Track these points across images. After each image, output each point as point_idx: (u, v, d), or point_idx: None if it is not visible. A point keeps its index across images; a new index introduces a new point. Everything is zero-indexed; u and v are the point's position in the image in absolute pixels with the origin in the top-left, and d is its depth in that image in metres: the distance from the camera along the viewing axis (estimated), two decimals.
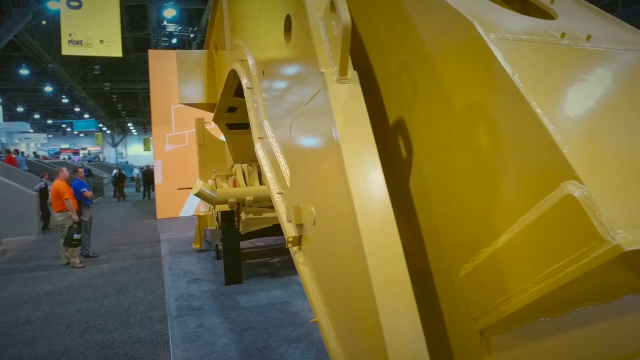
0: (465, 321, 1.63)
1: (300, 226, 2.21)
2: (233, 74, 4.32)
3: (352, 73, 1.75)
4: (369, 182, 1.56)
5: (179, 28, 21.73)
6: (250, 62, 3.37)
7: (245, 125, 6.65)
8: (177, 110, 13.01)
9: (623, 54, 1.60)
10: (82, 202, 7.42)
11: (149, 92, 37.12)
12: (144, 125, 49.74)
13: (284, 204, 2.55)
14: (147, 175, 19.51)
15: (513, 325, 1.47)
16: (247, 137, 6.80)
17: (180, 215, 13.26)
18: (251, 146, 7.24)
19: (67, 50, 10.93)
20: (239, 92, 5.29)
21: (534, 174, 1.29)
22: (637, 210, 1.08)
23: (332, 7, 1.68)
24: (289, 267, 6.73)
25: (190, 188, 9.20)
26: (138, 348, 3.99)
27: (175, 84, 12.53)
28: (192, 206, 13.31)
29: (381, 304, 1.38)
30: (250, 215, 5.43)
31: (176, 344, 4.05)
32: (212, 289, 5.72)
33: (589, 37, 1.58)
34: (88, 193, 7.51)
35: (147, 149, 49.56)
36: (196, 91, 5.65)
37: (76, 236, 7.16)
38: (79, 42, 10.81)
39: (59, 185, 7.22)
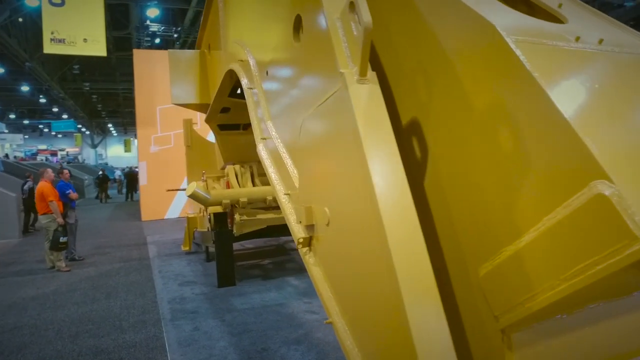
0: (484, 319, 1.65)
1: (310, 227, 2.20)
2: (230, 74, 4.29)
3: (371, 74, 1.76)
4: (392, 182, 1.57)
5: (162, 28, 21.49)
6: (251, 62, 3.34)
7: (237, 126, 6.65)
8: (163, 111, 12.83)
9: (636, 58, 1.64)
10: (68, 204, 7.25)
11: (130, 93, 36.48)
12: (125, 126, 48.89)
13: (291, 205, 2.54)
14: (130, 177, 19.18)
15: (533, 322, 1.49)
16: (239, 138, 6.80)
17: (165, 217, 13.07)
18: (242, 147, 7.23)
19: (49, 48, 10.67)
20: (232, 92, 5.25)
21: (560, 174, 1.31)
22: None
23: (352, 7, 1.68)
24: (281, 269, 6.71)
25: (180, 189, 9.10)
26: (134, 353, 3.92)
27: (161, 84, 12.42)
28: (177, 208, 13.15)
29: (408, 304, 1.39)
30: (244, 217, 5.39)
31: (173, 348, 3.98)
32: (205, 291, 5.66)
33: (600, 41, 1.62)
34: (74, 195, 7.34)
35: (127, 150, 48.70)
36: (189, 91, 5.58)
37: (62, 239, 6.99)
38: (61, 41, 10.55)
39: (43, 187, 7.03)
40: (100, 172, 19.89)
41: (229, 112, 5.78)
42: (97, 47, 10.89)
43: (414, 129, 1.99)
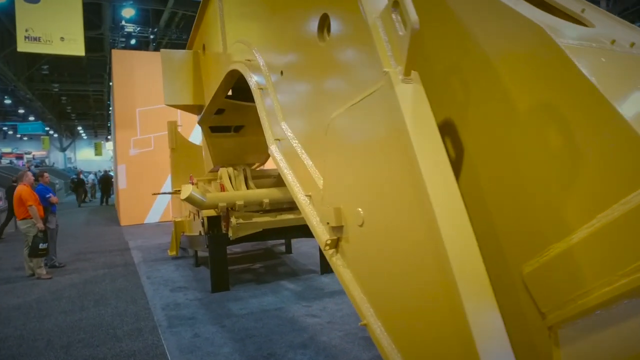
0: (529, 317, 1.66)
1: (338, 229, 2.17)
2: (231, 75, 4.21)
3: (414, 73, 1.76)
4: (442, 181, 1.57)
5: (138, 29, 21.05)
6: (261, 62, 3.29)
7: (228, 129, 6.54)
8: (143, 113, 12.53)
9: None
10: (48, 208, 6.95)
11: (101, 94, 35.55)
12: (95, 129, 47.52)
13: (312, 207, 2.51)
14: (105, 181, 18.61)
15: (581, 317, 1.52)
16: (229, 140, 6.69)
17: (145, 222, 12.74)
18: (233, 150, 7.11)
19: (23, 47, 10.22)
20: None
21: (616, 173, 1.34)
22: None
23: (396, 6, 1.67)
24: (274, 273, 6.63)
25: (167, 193, 8.88)
26: None
27: (141, 85, 12.13)
28: (157, 213, 12.84)
29: (467, 303, 1.39)
30: (240, 220, 5.29)
31: (174, 356, 3.86)
32: (199, 297, 5.52)
33: (632, 45, 1.67)
34: (54, 199, 7.05)
35: (98, 153, 47.33)
36: (182, 92, 5.46)
37: (42, 245, 6.69)
38: (37, 39, 10.14)
39: (22, 190, 6.73)
40: (76, 176, 19.20)
41: (222, 114, 5.69)
42: (75, 46, 10.52)
43: (448, 129, 1.99)
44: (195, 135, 11.64)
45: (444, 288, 1.47)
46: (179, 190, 8.96)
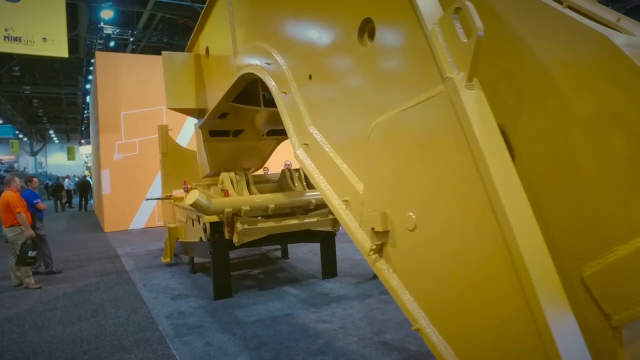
0: (589, 317, 1.70)
1: (383, 233, 2.16)
2: (243, 78, 4.16)
3: (475, 79, 1.77)
4: (512, 185, 1.58)
5: (118, 30, 20.61)
6: (283, 66, 3.24)
7: (226, 133, 6.45)
8: (127, 116, 12.23)
9: None
10: (36, 214, 6.68)
11: (74, 98, 34.53)
12: (68, 133, 46.12)
13: (349, 211, 2.49)
14: (83, 186, 18.06)
15: None
16: (228, 144, 6.60)
17: (130, 228, 12.41)
18: (231, 154, 7.01)
19: (3, 47, 9.81)
20: None
21: None
22: None
23: (457, 12, 1.68)
24: (274, 279, 6.56)
25: (159, 198, 8.67)
26: None
27: (126, 88, 11.86)
28: (143, 219, 12.54)
29: (546, 306, 1.40)
30: (246, 226, 5.21)
31: None
32: (203, 304, 5.40)
33: None
34: (42, 205, 6.79)
35: (71, 158, 45.93)
36: (184, 95, 5.35)
37: (31, 253, 6.43)
38: (17, 39, 9.76)
39: (9, 196, 6.45)
40: (54, 181, 18.56)
41: (225, 118, 5.61)
42: (58, 47, 10.18)
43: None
44: (182, 138, 11.45)
45: (519, 291, 1.47)
46: (170, 196, 8.82)
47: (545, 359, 1.39)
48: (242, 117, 5.61)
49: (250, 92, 5.18)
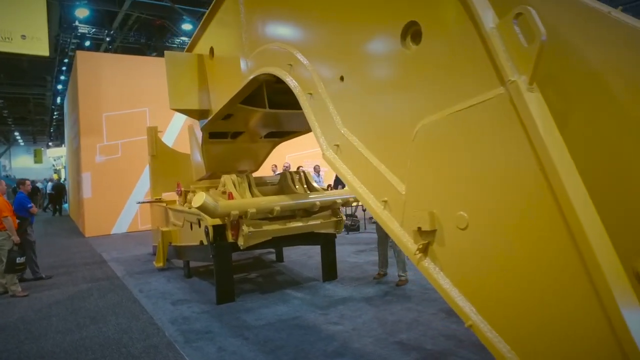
0: None
1: (430, 233, 2.20)
2: (257, 79, 4.12)
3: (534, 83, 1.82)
4: (577, 184, 1.64)
5: (93, 30, 20.05)
6: (308, 67, 3.23)
7: (225, 135, 6.37)
8: (109, 118, 11.89)
9: None
10: (28, 219, 6.41)
11: (42, 98, 33.32)
12: (35, 135, 44.37)
13: (388, 212, 2.50)
14: (58, 190, 17.41)
15: None
16: (227, 146, 6.52)
17: (112, 232, 12.04)
18: (229, 156, 6.91)
19: None
20: None
21: None
22: None
23: (517, 17, 1.73)
24: (274, 282, 6.51)
25: (150, 202, 8.45)
26: None
27: (108, 89, 11.53)
28: (125, 223, 12.20)
29: (620, 301, 1.46)
30: (251, 228, 5.15)
31: None
32: (206, 309, 5.30)
33: None
34: (34, 209, 6.51)
35: (38, 161, 44.22)
36: (188, 96, 5.25)
37: (19, 260, 6.16)
38: None
39: None
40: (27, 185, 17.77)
41: (228, 119, 5.54)
42: (38, 45, 9.80)
43: None
44: (166, 139, 11.21)
45: (589, 288, 1.53)
46: (160, 199, 8.62)
47: (619, 353, 1.44)
48: (246, 118, 5.56)
49: (254, 93, 5.13)
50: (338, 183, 9.04)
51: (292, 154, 12.95)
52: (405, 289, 5.76)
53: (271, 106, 5.32)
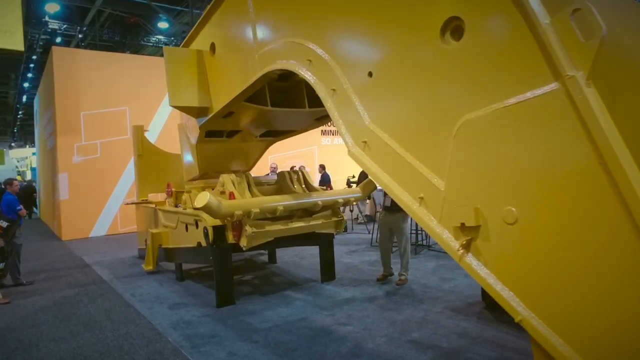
0: None
1: (473, 228, 2.18)
2: (267, 75, 4.03)
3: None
4: (635, 176, 1.64)
5: (65, 26, 19.37)
6: (330, 63, 3.16)
7: (220, 134, 6.22)
8: (88, 117, 11.44)
9: None
10: (16, 221, 6.05)
11: (5, 97, 32.07)
12: None
13: (424, 208, 2.47)
14: (28, 192, 16.64)
15: None
16: (221, 145, 6.36)
17: (91, 235, 11.57)
18: (222, 156, 6.76)
19: None
20: None
21: None
22: None
23: (575, 12, 1.73)
24: (270, 283, 6.39)
25: (137, 202, 8.15)
26: None
27: (86, 87, 11.10)
28: (104, 225, 11.77)
29: None
30: (254, 229, 5.03)
31: None
32: (207, 313, 5.13)
33: None
34: (23, 211, 6.16)
35: (0, 162, 42.14)
36: (188, 93, 5.08)
37: (0, 265, 5.81)
38: None
39: None
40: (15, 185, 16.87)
41: (228, 117, 5.40)
42: (12, 40, 9.30)
43: None
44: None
45: None
46: (147, 200, 8.34)
47: None
48: (247, 116, 5.43)
49: (256, 92, 5.01)
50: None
51: (275, 155, 12.81)
52: (406, 288, 5.76)
53: (275, 104, 5.23)
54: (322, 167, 11.45)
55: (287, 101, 5.42)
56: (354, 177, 11.39)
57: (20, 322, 5.17)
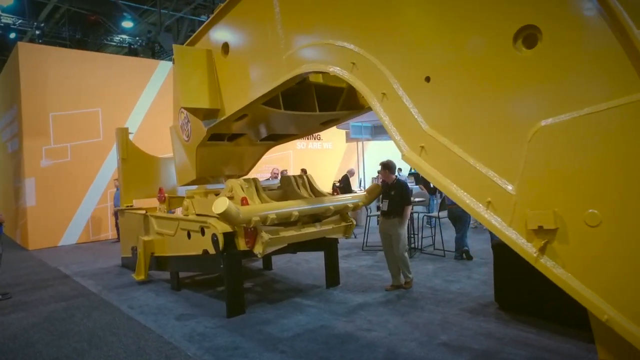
0: None
1: (548, 232, 2.22)
2: (293, 79, 3.94)
3: None
4: None
5: (19, 21, 18.22)
6: (379, 66, 3.12)
7: (222, 137, 6.02)
8: (57, 118, 10.75)
9: None
10: None
11: None
12: None
13: (492, 212, 2.48)
14: None
15: None
16: (222, 149, 6.16)
17: (60, 244, 10.85)
18: (222, 160, 6.58)
19: None
20: None
21: None
22: None
23: None
24: (276, 290, 6.24)
25: (124, 209, 7.71)
26: None
27: (56, 86, 10.43)
28: (75, 233, 11.09)
29: None
30: (270, 235, 4.88)
31: None
32: (219, 323, 4.91)
33: None
34: (2, 217, 5.66)
35: None
36: (199, 93, 4.86)
37: None
38: None
39: None
40: None
41: (240, 120, 5.24)
42: None
43: None
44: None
45: None
46: (131, 206, 7.95)
47: None
48: (257, 119, 5.29)
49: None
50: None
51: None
52: (414, 291, 5.79)
53: (287, 107, 5.13)
54: (304, 171, 11.36)
55: (295, 104, 5.33)
56: (339, 182, 11.40)
57: (11, 341, 4.73)
